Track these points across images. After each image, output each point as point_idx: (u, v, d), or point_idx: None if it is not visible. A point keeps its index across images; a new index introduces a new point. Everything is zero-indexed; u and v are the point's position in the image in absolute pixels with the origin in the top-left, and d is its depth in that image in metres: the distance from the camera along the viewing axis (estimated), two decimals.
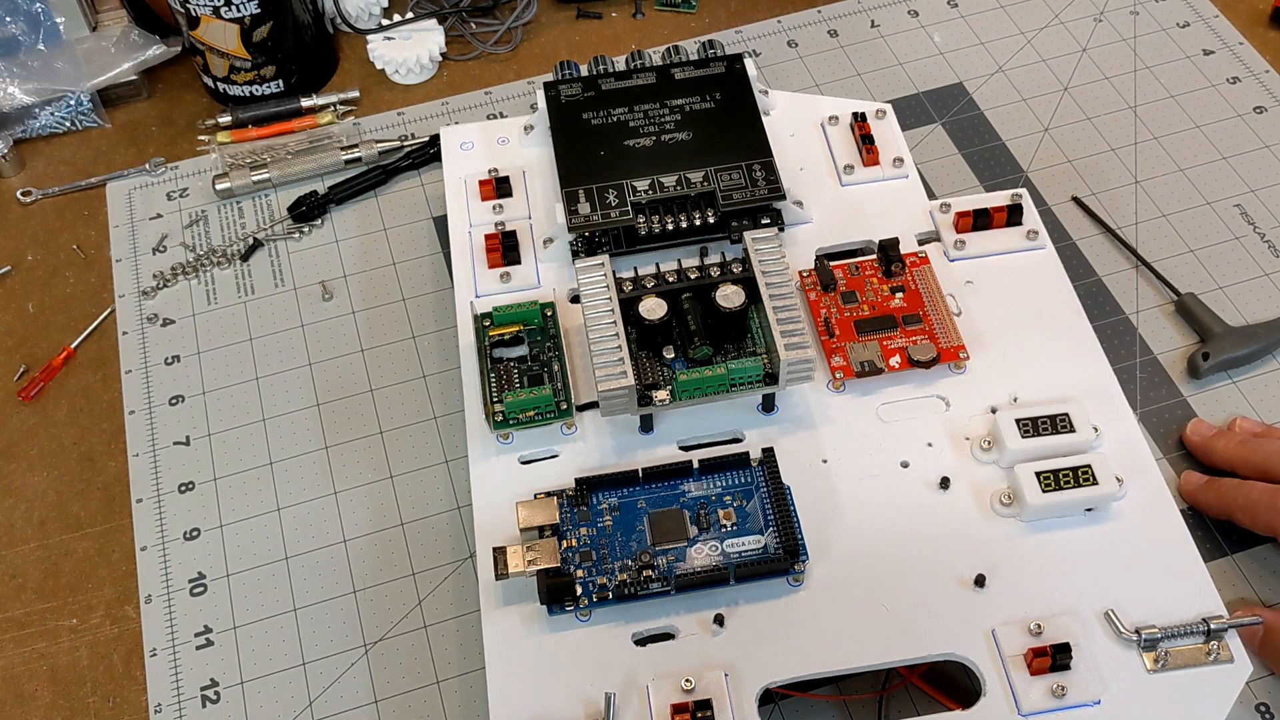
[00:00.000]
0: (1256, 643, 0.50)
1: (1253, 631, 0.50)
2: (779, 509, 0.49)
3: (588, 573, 0.48)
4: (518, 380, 0.54)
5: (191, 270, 0.66)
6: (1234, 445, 0.54)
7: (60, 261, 0.68)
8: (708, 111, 0.61)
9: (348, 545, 0.56)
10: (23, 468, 0.60)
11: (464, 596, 0.54)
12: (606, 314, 0.53)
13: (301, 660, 0.53)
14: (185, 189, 0.70)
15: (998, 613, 0.48)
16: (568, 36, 0.78)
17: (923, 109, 0.72)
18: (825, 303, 0.57)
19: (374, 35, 0.75)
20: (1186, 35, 0.74)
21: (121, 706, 0.53)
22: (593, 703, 0.47)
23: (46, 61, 0.72)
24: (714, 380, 0.51)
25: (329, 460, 0.59)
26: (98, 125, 0.74)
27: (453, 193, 0.63)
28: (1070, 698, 0.46)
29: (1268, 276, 0.63)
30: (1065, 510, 0.50)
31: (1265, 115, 0.70)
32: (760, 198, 0.58)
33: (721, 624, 0.48)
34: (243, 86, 0.72)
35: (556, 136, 0.61)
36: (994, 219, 0.59)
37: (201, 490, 0.58)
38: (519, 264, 0.59)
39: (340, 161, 0.70)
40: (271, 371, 0.62)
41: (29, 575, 0.57)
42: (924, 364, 0.54)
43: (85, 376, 0.63)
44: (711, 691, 0.46)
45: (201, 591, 0.55)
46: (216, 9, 0.68)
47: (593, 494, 0.51)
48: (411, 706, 0.51)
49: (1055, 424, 0.52)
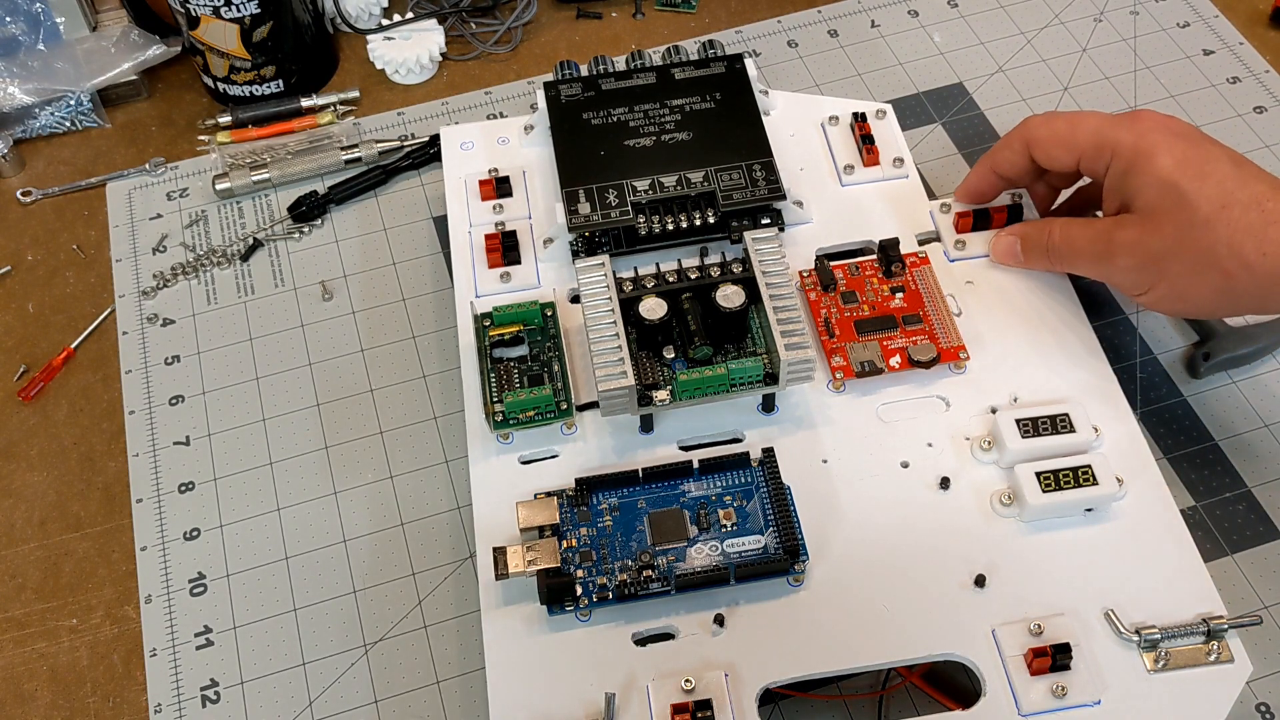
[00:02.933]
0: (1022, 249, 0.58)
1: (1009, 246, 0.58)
2: (779, 509, 0.49)
3: (588, 573, 0.48)
4: (518, 380, 0.54)
5: (191, 270, 0.66)
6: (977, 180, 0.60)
7: (60, 261, 0.68)
8: (708, 111, 0.61)
9: (348, 545, 0.56)
10: (23, 468, 0.60)
11: (464, 596, 0.54)
12: (606, 314, 0.53)
13: (301, 660, 0.53)
14: (185, 189, 0.70)
15: (998, 613, 0.48)
16: (568, 36, 0.78)
17: (923, 109, 0.72)
18: (825, 303, 0.57)
19: (374, 35, 0.75)
20: (1186, 35, 0.74)
21: (121, 706, 0.53)
22: (593, 703, 0.47)
23: (46, 61, 0.72)
24: (714, 380, 0.51)
25: (329, 460, 0.59)
26: (98, 125, 0.74)
27: (453, 193, 0.63)
28: (1070, 698, 0.46)
29: None
30: (1065, 510, 0.50)
31: (1265, 115, 0.70)
32: (760, 198, 0.58)
33: (721, 624, 0.48)
34: (243, 86, 0.72)
35: (556, 136, 0.61)
36: (994, 219, 0.59)
37: (201, 490, 0.58)
38: (519, 264, 0.59)
39: (340, 161, 0.70)
40: (271, 371, 0.62)
41: (29, 575, 0.57)
42: (924, 364, 0.54)
43: (85, 376, 0.63)
44: (711, 691, 0.46)
45: (201, 591, 0.55)
46: (216, 9, 0.68)
47: (593, 494, 0.51)
48: (411, 706, 0.51)
49: (1055, 424, 0.52)
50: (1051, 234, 0.56)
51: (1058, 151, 0.55)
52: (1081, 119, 0.55)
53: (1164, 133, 0.52)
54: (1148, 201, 0.51)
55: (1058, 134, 0.55)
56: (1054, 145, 0.55)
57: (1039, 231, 0.57)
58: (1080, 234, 0.55)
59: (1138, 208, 0.52)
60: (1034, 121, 0.57)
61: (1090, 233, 0.54)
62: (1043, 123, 0.56)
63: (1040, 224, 0.58)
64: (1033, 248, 0.57)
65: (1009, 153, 0.57)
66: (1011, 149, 0.57)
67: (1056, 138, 0.55)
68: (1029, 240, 0.57)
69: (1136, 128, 0.53)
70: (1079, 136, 0.54)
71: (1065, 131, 0.55)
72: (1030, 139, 0.56)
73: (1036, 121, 0.57)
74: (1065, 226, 0.56)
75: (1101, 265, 0.54)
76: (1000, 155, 0.58)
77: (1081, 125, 0.55)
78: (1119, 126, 0.53)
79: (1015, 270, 0.58)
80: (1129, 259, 0.52)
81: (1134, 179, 0.52)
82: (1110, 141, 0.53)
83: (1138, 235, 0.52)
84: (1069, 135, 0.55)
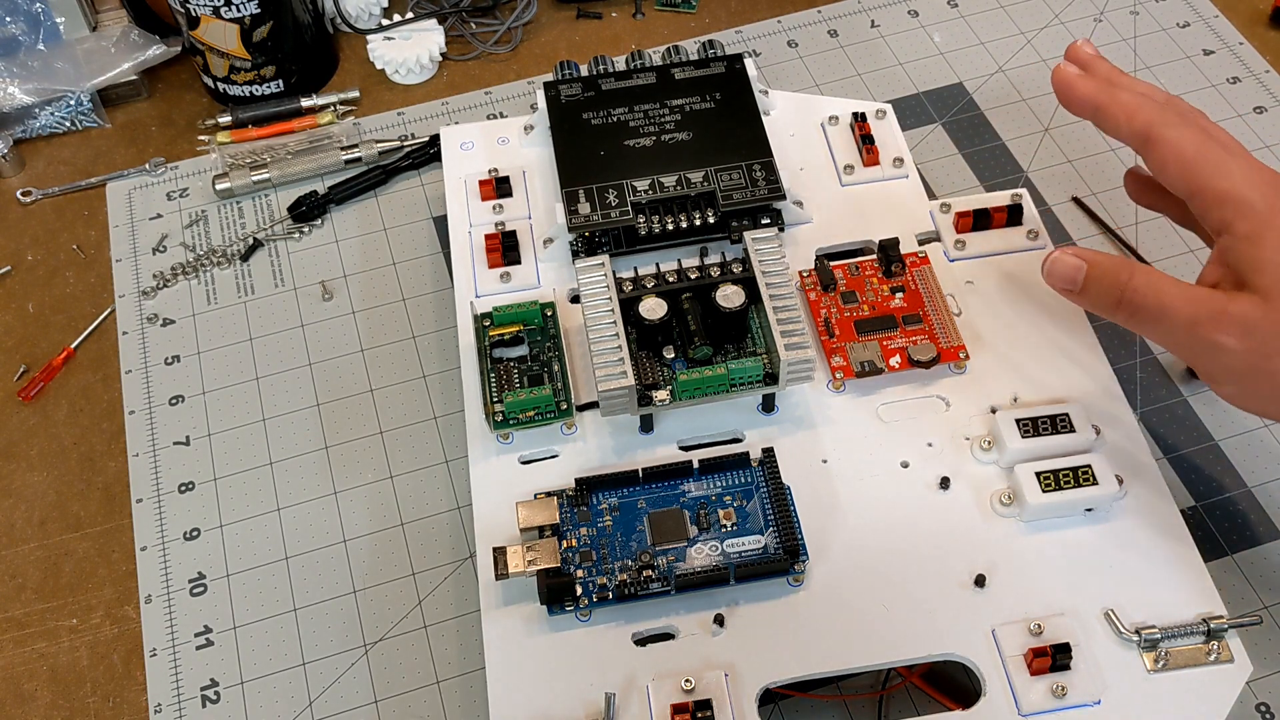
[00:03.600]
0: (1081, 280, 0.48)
1: (1071, 268, 0.49)
2: (779, 509, 0.49)
3: (588, 573, 0.48)
4: (518, 380, 0.54)
5: (191, 270, 0.66)
6: (1104, 86, 0.51)
7: (60, 261, 0.68)
8: (708, 111, 0.61)
9: (348, 545, 0.56)
10: (23, 468, 0.60)
11: (464, 596, 0.54)
12: (606, 314, 0.53)
13: (301, 660, 0.53)
14: (185, 189, 0.70)
15: (998, 613, 0.48)
16: (568, 36, 0.78)
17: (923, 109, 0.72)
18: (825, 303, 0.57)
19: (374, 35, 0.75)
20: (1186, 35, 0.74)
21: (121, 706, 0.53)
22: (593, 703, 0.47)
23: (46, 61, 0.72)
24: (714, 380, 0.51)
25: (329, 460, 0.59)
26: (98, 125, 0.74)
27: (453, 193, 0.63)
28: (1070, 698, 0.46)
29: None
30: (1065, 510, 0.50)
31: (1265, 115, 0.70)
32: (760, 198, 0.58)
33: (721, 624, 0.48)
34: (243, 86, 0.72)
35: (556, 136, 0.61)
36: (994, 219, 0.59)
37: (201, 490, 0.58)
38: (519, 264, 0.59)
39: (340, 161, 0.70)
40: (271, 371, 0.62)
41: (29, 575, 0.57)
42: (924, 364, 0.54)
43: (85, 376, 0.63)
44: (711, 691, 0.46)
45: (201, 591, 0.55)
46: (216, 9, 0.68)
47: (593, 494, 0.51)
48: (411, 706, 0.51)
49: (1055, 424, 0.52)
50: (1133, 279, 0.47)
51: (1174, 170, 0.48)
52: (1215, 155, 0.47)
53: None
54: (1274, 283, 0.44)
55: (1184, 153, 0.47)
56: (1174, 159, 0.48)
57: (1115, 270, 0.47)
58: (1175, 293, 0.46)
59: (1260, 286, 0.44)
60: (1169, 117, 0.48)
61: (1190, 295, 0.46)
62: (1175, 125, 0.48)
63: (1119, 261, 0.48)
64: (1101, 287, 0.48)
65: (1123, 134, 0.50)
66: (1131, 127, 0.49)
67: (1181, 155, 0.47)
68: (1099, 276, 0.48)
69: (1270, 200, 0.45)
70: (1206, 171, 0.47)
71: (1194, 156, 0.47)
72: (1153, 136, 0.48)
73: (1172, 120, 0.48)
74: (1154, 277, 0.47)
75: (1192, 338, 0.46)
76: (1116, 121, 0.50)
77: (1213, 162, 0.47)
78: (1253, 186, 0.46)
79: (1015, 270, 0.58)
80: (1238, 341, 0.44)
81: (1259, 251, 0.44)
82: (1236, 199, 0.46)
83: (1259, 317, 0.44)
84: (1195, 162, 0.47)
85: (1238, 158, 0.47)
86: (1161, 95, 0.51)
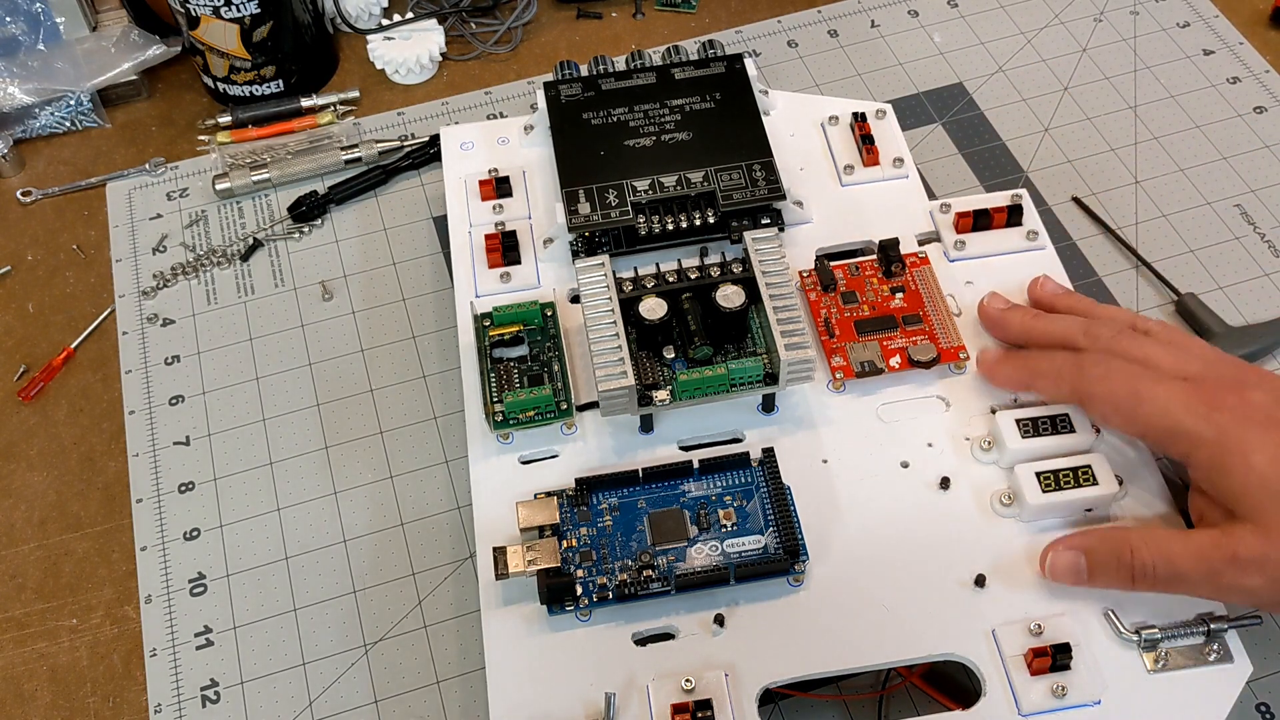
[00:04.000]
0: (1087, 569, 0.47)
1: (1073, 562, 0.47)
2: (779, 509, 0.49)
3: (588, 573, 0.48)
4: (518, 380, 0.54)
5: (191, 270, 0.66)
6: (1028, 318, 0.53)
7: (60, 261, 0.68)
8: (708, 111, 0.61)
9: (348, 545, 0.56)
10: (23, 468, 0.60)
11: (464, 596, 0.54)
12: (606, 314, 0.53)
13: (301, 660, 0.53)
14: (185, 189, 0.70)
15: (998, 613, 0.48)
16: (568, 36, 0.78)
17: (923, 109, 0.72)
18: (825, 303, 0.57)
19: (374, 35, 0.75)
20: (1186, 35, 0.74)
21: (121, 706, 0.53)
22: (593, 703, 0.47)
23: (46, 61, 0.72)
24: (714, 380, 0.51)
25: (329, 460, 0.59)
26: (98, 125, 0.74)
27: (453, 193, 0.63)
28: (1070, 698, 0.46)
29: (1268, 276, 0.63)
30: (1065, 510, 0.50)
31: (1265, 115, 0.70)
32: (760, 198, 0.58)
33: (721, 624, 0.48)
34: (243, 86, 0.72)
35: (556, 136, 0.61)
36: (994, 219, 0.59)
37: (201, 490, 0.58)
38: (519, 264, 0.59)
39: (340, 161, 0.70)
40: (271, 371, 0.62)
41: (29, 575, 0.57)
42: (924, 364, 0.54)
43: (85, 376, 0.63)
44: (711, 691, 0.46)
45: (201, 591, 0.55)
46: (216, 9, 0.68)
47: (593, 494, 0.51)
48: (411, 706, 0.51)
49: (1055, 424, 0.51)
50: (1136, 554, 0.46)
51: (1117, 421, 0.47)
52: (1146, 392, 0.46)
53: (1249, 427, 0.44)
54: (1258, 507, 0.43)
55: (1117, 403, 0.47)
56: (1112, 412, 0.47)
57: (1115, 549, 0.46)
58: (1180, 551, 0.45)
59: (1245, 513, 0.44)
60: (1091, 371, 0.47)
61: (1194, 549, 0.45)
62: (1100, 378, 0.47)
63: (1114, 536, 0.47)
64: (1108, 571, 0.47)
65: (1060, 398, 0.50)
66: (1060, 393, 0.50)
67: (1115, 405, 0.47)
68: (1101, 561, 0.47)
69: (1215, 422, 0.44)
70: (1143, 414, 0.46)
71: (1127, 404, 0.46)
72: (1082, 393, 0.48)
73: (1095, 373, 0.47)
74: (1153, 541, 0.46)
75: (1216, 589, 0.45)
76: (1048, 391, 0.50)
77: (1146, 401, 0.46)
78: (1193, 414, 0.45)
79: (1015, 271, 0.58)
80: (1259, 579, 0.44)
81: (1229, 480, 0.44)
82: (1182, 434, 0.45)
83: (1268, 549, 0.43)
84: (1130, 409, 0.46)
85: (1165, 381, 0.47)
86: (1080, 322, 0.51)
